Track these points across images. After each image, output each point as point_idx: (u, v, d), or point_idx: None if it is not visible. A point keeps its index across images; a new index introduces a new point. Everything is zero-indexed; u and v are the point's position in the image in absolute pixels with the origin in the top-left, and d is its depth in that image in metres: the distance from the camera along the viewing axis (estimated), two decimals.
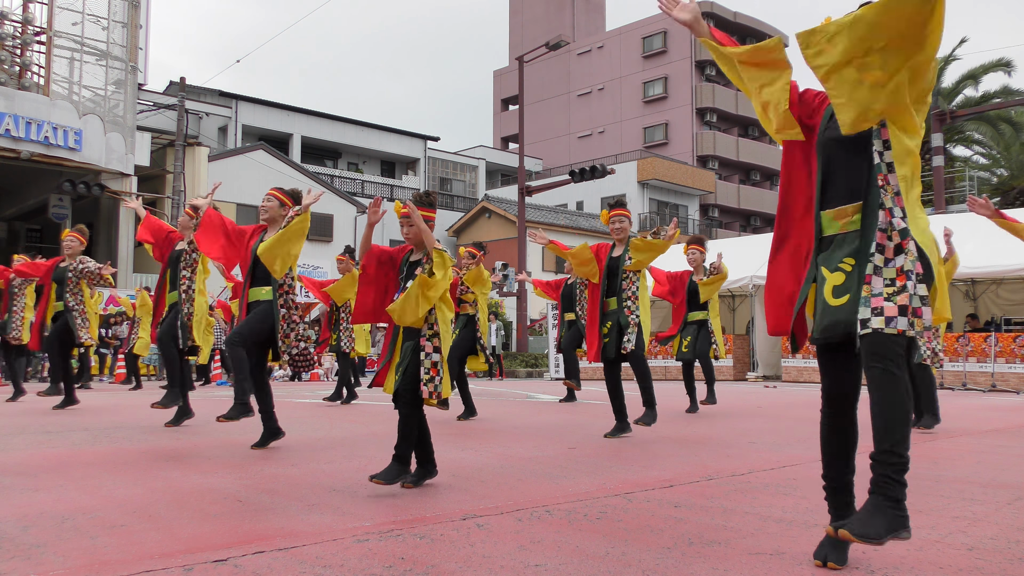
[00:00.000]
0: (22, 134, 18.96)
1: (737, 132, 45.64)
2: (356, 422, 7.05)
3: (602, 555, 2.56)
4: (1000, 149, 27.68)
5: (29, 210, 25.07)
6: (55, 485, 3.78)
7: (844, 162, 2.44)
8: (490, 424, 6.89)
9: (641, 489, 3.71)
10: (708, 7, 44.12)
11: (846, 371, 2.44)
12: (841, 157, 2.45)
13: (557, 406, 9.17)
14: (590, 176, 20.85)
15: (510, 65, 50.33)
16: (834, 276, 2.39)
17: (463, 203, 38.12)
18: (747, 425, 6.82)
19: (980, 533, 2.85)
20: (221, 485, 3.79)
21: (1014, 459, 4.73)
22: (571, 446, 5.31)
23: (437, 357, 3.73)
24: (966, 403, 9.78)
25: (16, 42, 20.76)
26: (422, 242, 3.86)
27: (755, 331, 17.15)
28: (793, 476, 4.10)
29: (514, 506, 3.32)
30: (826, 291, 2.40)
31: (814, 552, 2.46)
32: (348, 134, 34.78)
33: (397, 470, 3.67)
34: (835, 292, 2.37)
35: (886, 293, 2.25)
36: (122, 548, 2.63)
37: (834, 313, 2.36)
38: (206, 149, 25.21)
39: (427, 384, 3.68)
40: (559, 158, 46.14)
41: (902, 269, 2.25)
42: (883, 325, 2.21)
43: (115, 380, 16.65)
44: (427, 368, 3.70)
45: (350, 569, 2.40)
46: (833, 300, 2.37)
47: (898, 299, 2.22)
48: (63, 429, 6.24)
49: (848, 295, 2.34)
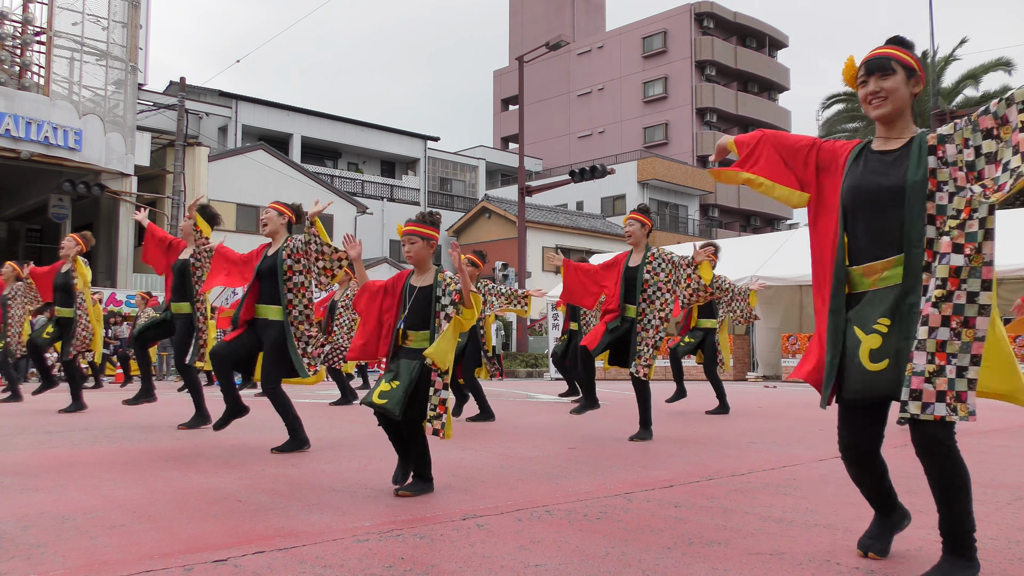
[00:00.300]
0: (22, 134, 18.96)
1: (737, 132, 45.53)
2: (356, 422, 7.05)
3: (602, 555, 2.55)
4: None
5: (29, 210, 25.06)
6: (55, 485, 3.78)
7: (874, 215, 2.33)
8: (490, 424, 6.90)
9: (641, 489, 3.71)
10: (708, 7, 44.13)
11: (874, 427, 2.37)
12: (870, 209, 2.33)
13: (557, 406, 9.17)
14: (590, 176, 20.85)
15: (510, 65, 50.33)
16: (871, 339, 2.26)
17: (463, 203, 38.13)
18: (747, 425, 6.82)
19: (980, 533, 2.84)
20: (221, 485, 3.79)
21: (1014, 459, 4.73)
22: (571, 446, 5.31)
23: (445, 395, 3.59)
24: None
25: (16, 42, 20.75)
26: (424, 261, 3.76)
27: (755, 331, 17.14)
28: (793, 476, 4.09)
29: (514, 506, 3.32)
30: (861, 353, 2.27)
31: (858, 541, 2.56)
32: (348, 134, 34.79)
33: (422, 486, 3.61)
34: (872, 357, 2.25)
35: (927, 372, 2.10)
36: (122, 548, 2.63)
37: (873, 379, 2.25)
38: (206, 149, 25.20)
39: (432, 421, 3.55)
40: (559, 158, 46.14)
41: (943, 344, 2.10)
42: (919, 411, 2.09)
43: (116, 380, 16.65)
44: (434, 405, 3.56)
45: (350, 569, 2.40)
46: (871, 365, 2.25)
47: (937, 383, 2.09)
48: (63, 429, 6.24)
49: (887, 360, 2.22)
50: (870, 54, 2.40)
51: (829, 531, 2.87)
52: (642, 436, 5.57)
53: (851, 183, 2.38)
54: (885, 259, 2.29)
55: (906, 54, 2.37)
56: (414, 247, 3.73)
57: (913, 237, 2.23)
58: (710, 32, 44.48)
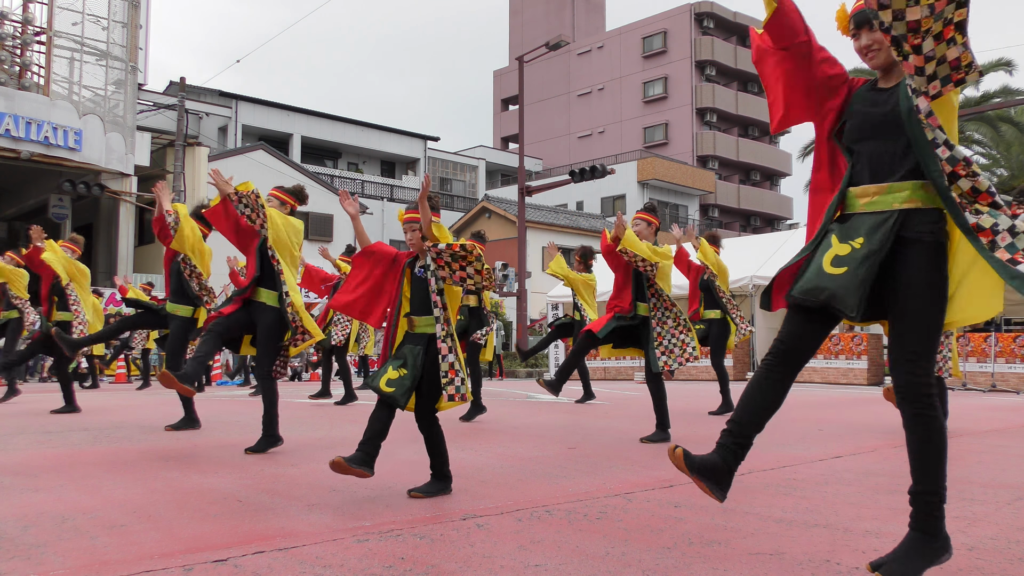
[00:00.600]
0: (22, 134, 18.97)
1: (737, 132, 45.62)
2: (356, 422, 7.05)
3: (602, 555, 2.55)
4: (1000, 149, 27.67)
5: (29, 210, 25.07)
6: (55, 485, 3.78)
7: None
8: (490, 424, 6.89)
9: (641, 489, 3.71)
10: (708, 7, 44.13)
11: (813, 336, 2.39)
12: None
13: (557, 406, 9.17)
14: (590, 176, 20.85)
15: (510, 65, 50.33)
16: (841, 247, 2.33)
17: (463, 203, 38.13)
18: None
19: (980, 533, 2.85)
20: (221, 485, 3.79)
21: (1014, 459, 4.73)
22: (571, 446, 5.30)
23: (453, 358, 3.56)
24: (966, 403, 9.77)
25: (16, 42, 20.76)
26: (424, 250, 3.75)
27: (755, 331, 17.15)
28: (793, 476, 4.09)
29: (514, 506, 3.32)
30: (826, 256, 2.35)
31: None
32: (348, 134, 34.79)
33: (439, 486, 3.60)
34: (835, 261, 2.32)
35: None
36: (122, 548, 2.63)
37: (826, 280, 2.31)
38: (206, 149, 25.21)
39: (446, 387, 3.54)
40: (559, 158, 46.14)
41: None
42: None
43: (116, 380, 16.66)
44: (444, 371, 3.55)
45: (350, 569, 2.40)
46: (829, 267, 2.32)
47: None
48: (63, 429, 6.24)
49: (846, 268, 2.29)
50: (855, 7, 2.50)
51: (829, 531, 2.87)
52: (656, 438, 5.49)
53: (857, 116, 2.46)
54: (879, 184, 2.36)
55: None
56: (414, 235, 3.73)
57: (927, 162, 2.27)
58: (710, 32, 44.48)
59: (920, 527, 2.27)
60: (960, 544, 2.68)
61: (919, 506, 2.28)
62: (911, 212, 2.30)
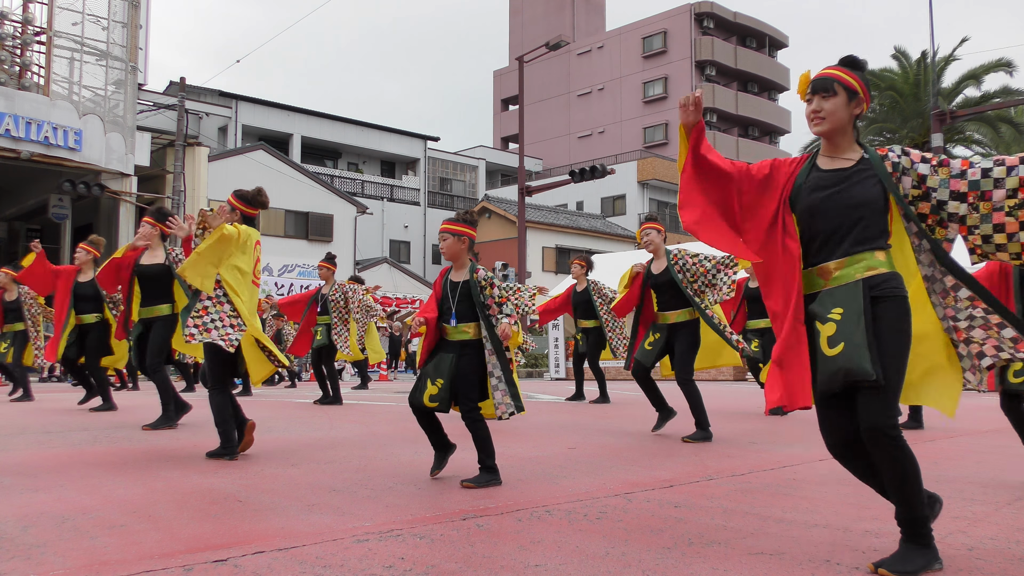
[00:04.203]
0: (22, 134, 18.95)
1: (737, 132, 45.64)
2: (356, 422, 7.05)
3: (602, 555, 2.55)
4: (1000, 150, 27.67)
5: (29, 210, 25.06)
6: (55, 485, 3.78)
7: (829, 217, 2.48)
8: (490, 424, 6.88)
9: (641, 489, 3.71)
10: (708, 7, 44.14)
11: (852, 417, 2.40)
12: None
13: (557, 406, 9.18)
14: (590, 176, 20.85)
15: (510, 65, 50.33)
16: (827, 327, 2.39)
17: (463, 203, 38.12)
18: (747, 425, 6.82)
19: (980, 533, 2.85)
20: (221, 485, 3.79)
21: (1014, 459, 4.73)
22: (571, 446, 5.31)
23: (499, 372, 3.82)
24: (966, 403, 9.74)
25: (16, 42, 20.75)
26: (458, 256, 3.93)
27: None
28: (793, 476, 4.10)
29: (514, 506, 3.32)
30: (821, 345, 2.40)
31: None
32: (348, 134, 34.78)
33: (487, 478, 3.80)
34: (830, 342, 2.37)
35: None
36: (122, 548, 2.63)
37: (831, 363, 2.36)
38: (206, 149, 25.20)
39: (497, 408, 3.83)
40: (559, 158, 46.14)
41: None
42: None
43: (115, 381, 16.65)
44: (495, 384, 3.81)
45: (350, 569, 2.40)
46: (829, 351, 2.37)
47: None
48: (63, 429, 6.24)
49: (842, 344, 2.34)
50: (819, 73, 2.53)
51: (829, 531, 2.87)
52: (698, 437, 5.52)
53: (808, 200, 2.49)
54: (838, 260, 2.43)
55: (851, 76, 2.49)
56: (445, 243, 3.95)
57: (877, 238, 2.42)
58: (710, 32, 44.49)
59: (912, 540, 2.37)
60: (960, 544, 2.69)
61: (909, 527, 2.37)
62: (874, 277, 2.39)
